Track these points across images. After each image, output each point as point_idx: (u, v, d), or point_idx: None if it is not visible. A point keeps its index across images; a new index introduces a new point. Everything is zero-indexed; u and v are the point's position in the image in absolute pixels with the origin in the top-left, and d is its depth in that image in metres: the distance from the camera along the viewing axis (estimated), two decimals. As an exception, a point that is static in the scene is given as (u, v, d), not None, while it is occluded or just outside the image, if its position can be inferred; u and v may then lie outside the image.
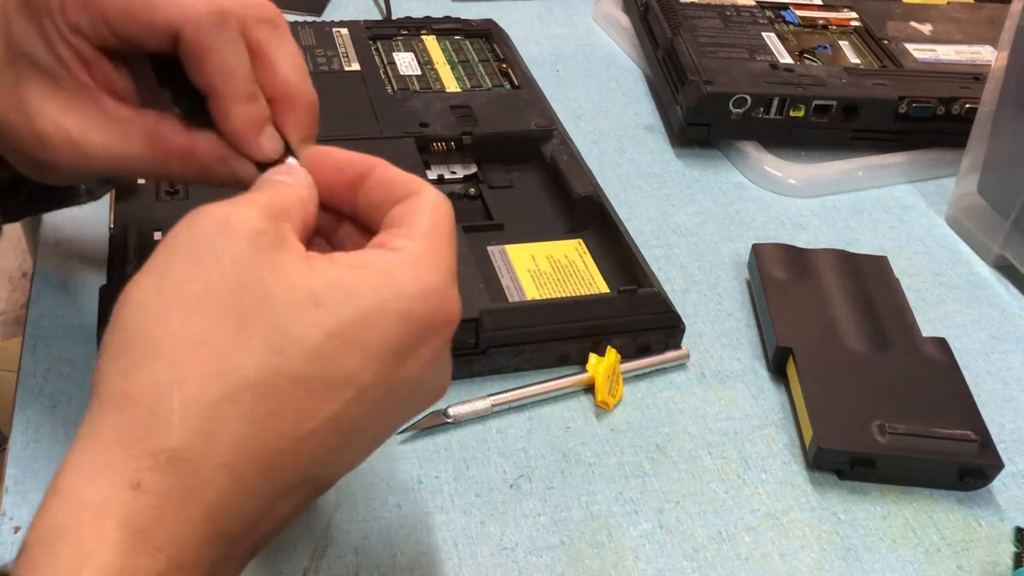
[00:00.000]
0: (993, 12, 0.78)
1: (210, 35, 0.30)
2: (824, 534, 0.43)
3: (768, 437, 0.48)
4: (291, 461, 0.25)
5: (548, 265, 0.52)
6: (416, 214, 0.30)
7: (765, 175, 0.65)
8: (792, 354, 0.49)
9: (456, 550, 0.41)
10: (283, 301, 0.25)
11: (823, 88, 0.65)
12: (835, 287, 0.53)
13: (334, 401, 0.26)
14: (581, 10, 0.84)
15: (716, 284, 0.57)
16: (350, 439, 0.27)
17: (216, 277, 0.25)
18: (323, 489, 0.29)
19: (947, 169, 0.67)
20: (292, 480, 0.26)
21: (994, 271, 0.60)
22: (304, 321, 0.25)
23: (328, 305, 0.26)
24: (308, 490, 0.27)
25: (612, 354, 0.48)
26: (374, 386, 0.27)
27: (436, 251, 0.29)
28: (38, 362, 0.47)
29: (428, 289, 0.28)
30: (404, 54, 0.67)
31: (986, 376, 0.52)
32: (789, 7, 0.75)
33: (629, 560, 0.41)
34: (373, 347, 0.26)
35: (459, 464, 0.45)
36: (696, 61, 0.65)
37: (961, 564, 0.43)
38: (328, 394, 0.26)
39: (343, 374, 0.26)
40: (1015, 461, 0.48)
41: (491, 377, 0.48)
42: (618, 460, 0.46)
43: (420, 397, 0.30)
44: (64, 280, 0.51)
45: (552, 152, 0.59)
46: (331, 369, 0.26)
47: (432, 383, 0.30)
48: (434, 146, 0.59)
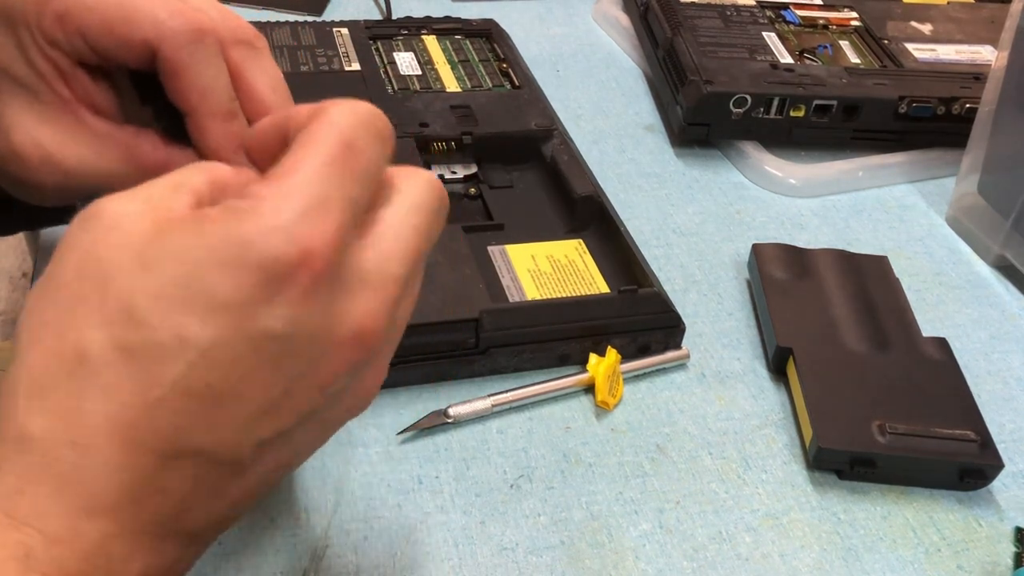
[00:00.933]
0: (993, 12, 0.78)
1: (187, 52, 0.30)
2: (824, 534, 0.43)
3: (768, 437, 0.48)
4: (147, 431, 0.25)
5: (548, 265, 0.52)
6: (294, 146, 0.26)
7: (765, 175, 0.65)
8: (792, 354, 0.49)
9: (456, 550, 0.41)
10: (115, 271, 0.25)
11: (823, 88, 0.65)
12: (835, 287, 0.53)
13: (174, 365, 0.24)
14: (581, 10, 0.84)
15: (716, 284, 0.57)
16: (220, 402, 0.25)
17: (69, 265, 0.26)
18: (232, 462, 0.26)
19: (947, 169, 0.67)
20: (163, 449, 0.25)
21: (994, 271, 0.60)
22: (131, 287, 0.25)
23: (154, 267, 0.25)
24: (203, 462, 0.26)
25: (612, 354, 0.48)
26: (221, 344, 0.24)
27: (290, 184, 0.25)
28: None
29: (263, 229, 0.24)
30: (404, 54, 0.67)
31: (986, 376, 0.52)
32: (789, 7, 0.75)
33: (629, 560, 0.41)
34: (203, 302, 0.24)
35: (459, 464, 0.45)
36: (696, 61, 0.65)
37: (961, 564, 0.43)
38: (166, 359, 0.24)
39: (176, 335, 0.24)
40: (1015, 461, 0.48)
41: (491, 377, 0.48)
42: (618, 460, 0.46)
43: (311, 350, 0.26)
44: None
45: (552, 152, 0.59)
46: (160, 332, 0.24)
47: (324, 333, 0.26)
48: (434, 146, 0.59)
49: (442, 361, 0.47)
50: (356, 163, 0.26)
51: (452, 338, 0.47)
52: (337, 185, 0.25)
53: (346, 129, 0.26)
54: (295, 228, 0.24)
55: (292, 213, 0.25)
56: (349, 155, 0.26)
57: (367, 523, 0.42)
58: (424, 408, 0.46)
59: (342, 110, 0.27)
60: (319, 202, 0.25)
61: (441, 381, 0.48)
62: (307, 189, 0.25)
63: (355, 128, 0.27)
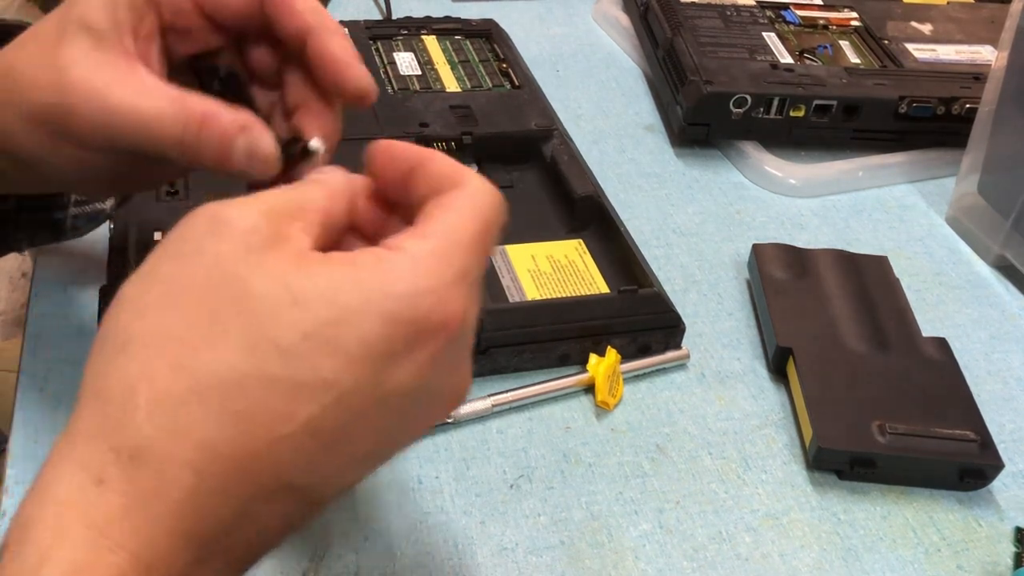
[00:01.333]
0: (993, 12, 0.78)
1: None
2: (824, 534, 0.43)
3: (768, 437, 0.48)
4: (265, 464, 0.25)
5: (548, 265, 0.52)
6: (441, 210, 0.28)
7: (765, 175, 0.65)
8: (792, 354, 0.49)
9: (456, 550, 0.41)
10: (262, 299, 0.25)
11: (823, 88, 0.65)
12: (835, 287, 0.53)
13: (310, 405, 0.25)
14: (581, 10, 0.84)
15: (716, 284, 0.57)
16: (335, 447, 0.26)
17: (198, 274, 0.25)
18: (316, 502, 0.27)
19: (947, 169, 0.67)
20: (270, 485, 0.25)
21: (994, 271, 0.60)
22: (281, 320, 0.25)
23: (307, 304, 0.25)
24: (295, 499, 0.26)
25: (612, 354, 0.48)
26: (357, 391, 0.25)
27: (443, 250, 0.27)
28: (38, 362, 0.47)
29: (419, 290, 0.26)
30: (404, 54, 0.67)
31: (986, 376, 0.52)
32: (789, 7, 0.75)
33: (629, 560, 0.41)
34: (353, 350, 0.25)
35: (459, 464, 0.45)
36: (696, 61, 0.65)
37: (961, 564, 0.43)
38: (303, 397, 0.25)
39: (319, 377, 0.25)
40: (1015, 461, 0.48)
41: (491, 377, 0.48)
42: (618, 460, 0.46)
43: (426, 406, 0.28)
44: (64, 280, 0.51)
45: (552, 152, 0.59)
46: (306, 371, 0.25)
47: (439, 391, 0.28)
48: (434, 146, 0.59)
49: (442, 361, 0.47)
50: (489, 243, 0.29)
51: (452, 338, 0.47)
52: (475, 262, 0.28)
53: (487, 211, 0.29)
54: (446, 293, 0.26)
55: (444, 279, 0.26)
56: (486, 236, 0.28)
57: (367, 523, 0.42)
58: (424, 408, 0.46)
59: (484, 190, 0.29)
60: (463, 273, 0.27)
61: (441, 381, 0.48)
62: (457, 260, 0.27)
63: (494, 211, 0.29)
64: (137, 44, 0.34)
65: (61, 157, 0.35)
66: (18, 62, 0.35)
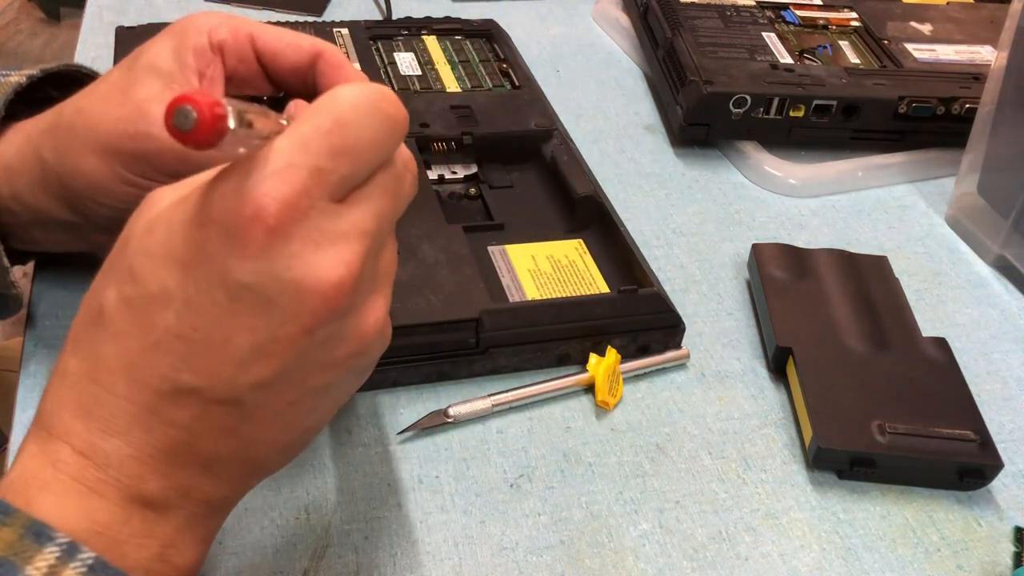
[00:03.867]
0: (993, 12, 0.78)
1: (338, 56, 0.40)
2: (824, 534, 0.43)
3: (768, 437, 0.48)
4: (149, 369, 0.29)
5: (548, 265, 0.52)
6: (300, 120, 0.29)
7: (765, 175, 0.65)
8: (792, 354, 0.49)
9: (456, 550, 0.41)
10: (132, 240, 0.29)
11: (823, 88, 0.65)
12: (835, 287, 0.53)
13: (165, 313, 0.28)
14: (581, 10, 0.84)
15: (716, 284, 0.57)
16: (209, 345, 0.28)
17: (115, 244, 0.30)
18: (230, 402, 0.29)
19: (947, 169, 0.67)
20: (163, 387, 0.29)
21: (994, 271, 0.60)
22: (136, 251, 0.29)
23: (153, 230, 0.29)
24: (202, 401, 0.29)
25: (612, 354, 0.49)
26: (201, 292, 0.28)
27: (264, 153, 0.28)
28: (38, 362, 0.47)
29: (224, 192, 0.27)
30: (404, 54, 0.67)
31: (986, 376, 0.52)
32: (789, 7, 0.75)
33: (629, 560, 0.42)
34: (180, 257, 0.28)
35: (459, 464, 0.45)
36: (696, 61, 0.65)
37: (961, 564, 0.43)
38: (156, 307, 0.28)
39: (163, 287, 0.28)
40: (1015, 461, 0.48)
41: (491, 377, 0.48)
42: (618, 460, 0.46)
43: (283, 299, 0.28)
44: (64, 280, 0.51)
45: (552, 152, 0.59)
46: (150, 285, 0.28)
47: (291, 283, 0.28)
48: (435, 146, 0.59)
49: (442, 361, 0.47)
50: (340, 138, 0.28)
51: (452, 338, 0.47)
52: (312, 154, 0.28)
53: (343, 105, 0.29)
54: (251, 190, 0.27)
55: (255, 178, 0.27)
56: (334, 129, 0.28)
57: (367, 523, 0.42)
58: (424, 408, 0.47)
59: (348, 87, 0.30)
60: (283, 168, 0.27)
61: (441, 381, 0.48)
62: (276, 157, 0.27)
63: (353, 106, 0.29)
64: (202, 85, 0.39)
65: (124, 188, 0.40)
66: (89, 103, 0.40)
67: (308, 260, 0.28)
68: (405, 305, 0.46)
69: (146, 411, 0.29)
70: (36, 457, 0.29)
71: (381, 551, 0.41)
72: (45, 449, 0.29)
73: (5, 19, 2.32)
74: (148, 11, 0.77)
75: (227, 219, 0.27)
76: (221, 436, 0.30)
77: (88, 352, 0.30)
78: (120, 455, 0.29)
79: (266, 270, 0.28)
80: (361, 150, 0.29)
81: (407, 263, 0.49)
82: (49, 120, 0.41)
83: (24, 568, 0.27)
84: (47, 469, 0.29)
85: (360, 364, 0.32)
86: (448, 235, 0.51)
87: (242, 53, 0.40)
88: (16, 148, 0.42)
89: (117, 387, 0.29)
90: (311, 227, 0.28)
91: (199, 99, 0.24)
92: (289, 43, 0.39)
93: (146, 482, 0.29)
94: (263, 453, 0.32)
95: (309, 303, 0.28)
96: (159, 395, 0.29)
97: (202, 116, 0.24)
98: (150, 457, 0.29)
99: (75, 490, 0.29)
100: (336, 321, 0.29)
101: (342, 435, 0.45)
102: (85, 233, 0.43)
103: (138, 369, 0.29)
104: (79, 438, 0.29)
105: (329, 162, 0.28)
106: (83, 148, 0.39)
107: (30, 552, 0.27)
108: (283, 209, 0.27)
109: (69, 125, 0.40)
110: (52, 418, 0.30)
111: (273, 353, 0.29)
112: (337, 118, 0.28)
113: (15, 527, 0.27)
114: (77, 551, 0.27)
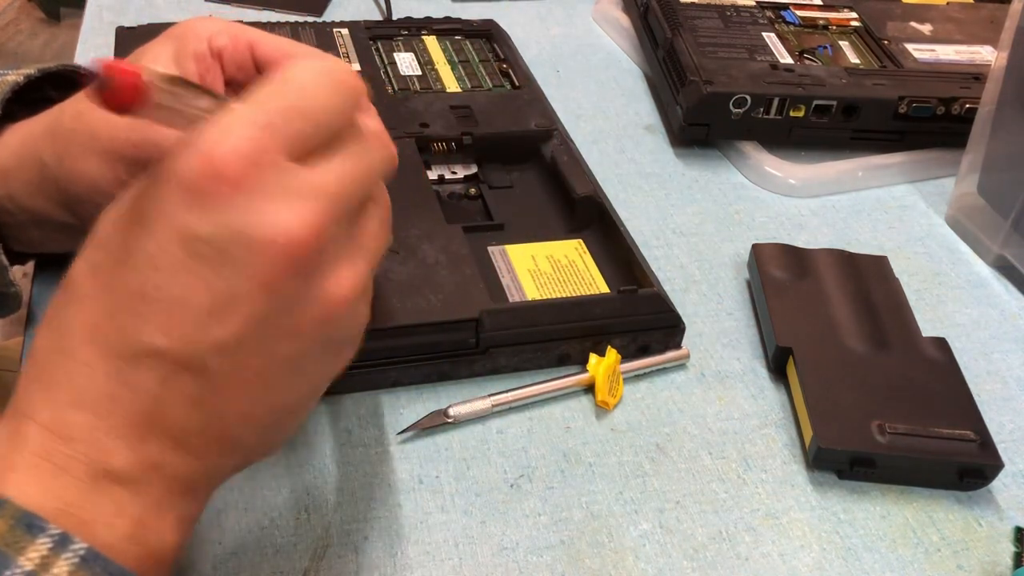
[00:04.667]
0: (993, 12, 0.78)
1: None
2: (824, 534, 0.43)
3: (768, 437, 0.48)
4: (112, 331, 0.29)
5: (548, 265, 0.52)
6: (254, 86, 0.29)
7: (765, 175, 0.65)
8: (792, 354, 0.49)
9: (456, 550, 0.41)
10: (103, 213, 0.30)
11: (823, 88, 0.65)
12: (835, 287, 0.53)
13: (126, 272, 0.29)
14: (581, 10, 0.84)
15: (716, 284, 0.57)
16: (171, 304, 0.28)
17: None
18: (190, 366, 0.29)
19: (947, 169, 0.67)
20: (124, 351, 0.29)
21: (994, 271, 0.60)
22: (102, 220, 0.30)
23: (120, 199, 0.30)
24: (170, 364, 0.29)
25: (612, 354, 0.49)
26: (162, 250, 0.28)
27: (224, 115, 0.28)
28: (38, 362, 0.47)
29: (183, 149, 0.28)
30: (404, 54, 0.67)
31: (986, 376, 0.52)
32: (789, 7, 0.75)
33: (629, 560, 0.41)
34: (141, 215, 0.29)
35: (459, 464, 0.45)
36: (696, 61, 0.65)
37: (961, 564, 0.43)
38: (118, 270, 0.29)
39: (123, 247, 0.29)
40: (1015, 461, 0.48)
41: (491, 377, 0.48)
42: (618, 460, 0.46)
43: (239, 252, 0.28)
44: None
45: (552, 152, 0.59)
46: (112, 247, 0.29)
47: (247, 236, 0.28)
48: (434, 146, 0.59)
49: (442, 361, 0.47)
50: (295, 98, 0.29)
51: (452, 338, 0.47)
52: (266, 112, 0.28)
53: (295, 71, 0.30)
54: (207, 145, 0.27)
55: (211, 135, 0.28)
56: (288, 91, 0.29)
57: (367, 523, 0.42)
58: (424, 408, 0.47)
59: (304, 61, 0.31)
60: (240, 126, 0.28)
61: (441, 381, 0.48)
62: (231, 116, 0.28)
63: (305, 70, 0.30)
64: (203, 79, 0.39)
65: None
66: (89, 107, 0.38)
67: (265, 212, 0.28)
68: (405, 305, 0.46)
69: (111, 378, 0.29)
70: (4, 441, 0.29)
71: (381, 551, 0.41)
72: (11, 428, 0.29)
73: (5, 19, 2.33)
74: (148, 11, 0.77)
75: (183, 174, 0.28)
76: (188, 407, 0.30)
77: (55, 325, 0.30)
78: (87, 427, 0.29)
79: (222, 222, 0.28)
80: (316, 110, 0.29)
81: (407, 263, 0.49)
82: (48, 123, 0.41)
83: (17, 559, 0.26)
84: (14, 450, 0.29)
85: (331, 336, 0.32)
86: (448, 235, 0.51)
87: (241, 60, 0.40)
88: (13, 150, 0.42)
89: (82, 355, 0.29)
90: (268, 181, 0.28)
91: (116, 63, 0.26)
92: (287, 52, 0.40)
93: (113, 456, 0.29)
94: (233, 428, 0.31)
95: (265, 256, 0.28)
96: (122, 359, 0.29)
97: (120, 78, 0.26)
98: (116, 429, 0.29)
99: (43, 468, 0.29)
100: (296, 279, 0.29)
101: (342, 435, 0.45)
102: (83, 235, 0.43)
103: (102, 333, 0.29)
104: (46, 413, 0.29)
105: (283, 119, 0.29)
106: (84, 152, 0.39)
107: (22, 543, 0.27)
108: (238, 161, 0.27)
109: (70, 129, 0.40)
110: (21, 399, 0.30)
111: (232, 310, 0.28)
112: (289, 80, 0.29)
113: (6, 518, 0.27)
114: (70, 542, 0.27)
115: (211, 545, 0.40)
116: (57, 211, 0.42)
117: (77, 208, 0.41)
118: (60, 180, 0.40)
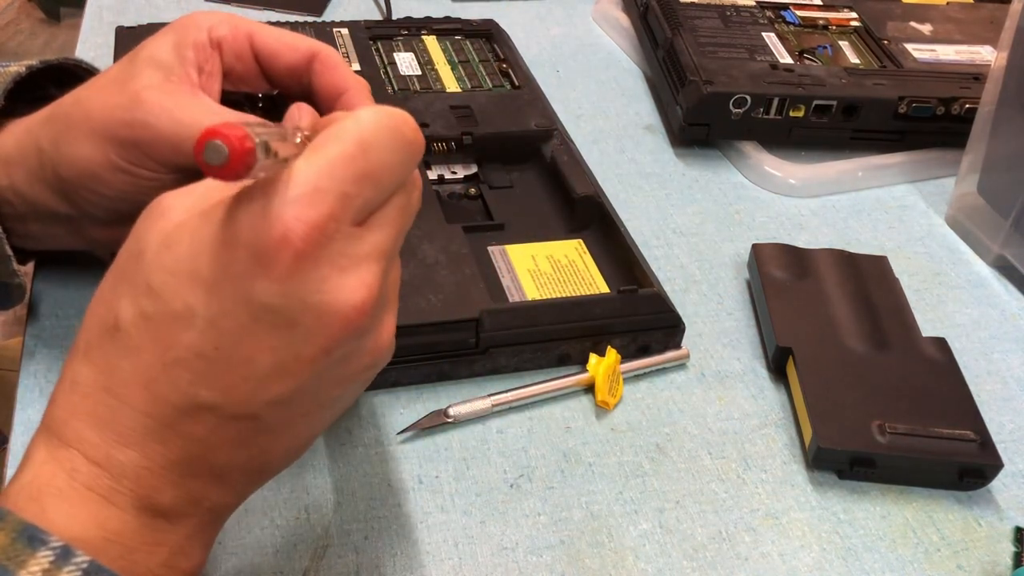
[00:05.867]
0: (993, 12, 0.78)
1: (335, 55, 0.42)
2: (824, 534, 0.43)
3: (768, 437, 0.48)
4: (167, 384, 0.29)
5: (548, 265, 0.52)
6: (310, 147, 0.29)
7: (765, 175, 0.65)
8: (792, 354, 0.49)
9: (456, 550, 0.41)
10: (147, 251, 0.29)
11: (823, 88, 0.65)
12: (835, 287, 0.53)
13: (186, 331, 0.28)
14: (581, 10, 0.84)
15: (716, 284, 0.57)
16: (229, 364, 0.29)
17: (124, 247, 0.31)
18: (245, 416, 0.30)
19: (947, 169, 0.67)
20: (181, 403, 0.29)
21: (994, 271, 0.60)
22: (154, 266, 0.29)
23: (173, 246, 0.29)
24: (219, 417, 0.29)
25: (612, 354, 0.49)
26: (225, 313, 0.28)
27: (290, 176, 0.28)
28: (38, 362, 0.47)
29: (253, 214, 0.28)
30: (404, 54, 0.67)
31: (986, 376, 0.52)
32: (789, 7, 0.75)
33: (629, 560, 0.42)
34: (206, 277, 0.28)
35: (459, 464, 0.45)
36: (696, 61, 0.65)
37: (961, 564, 0.43)
38: (178, 326, 0.28)
39: (185, 306, 0.28)
40: (1015, 461, 0.48)
41: (491, 377, 0.48)
42: (618, 460, 0.46)
43: (306, 321, 0.29)
44: (65, 279, 0.51)
45: (552, 152, 0.59)
46: (173, 303, 0.28)
47: (317, 306, 0.28)
48: (434, 146, 0.59)
49: (442, 361, 0.47)
50: (365, 163, 0.29)
51: (452, 338, 0.47)
52: (339, 180, 0.28)
53: (366, 131, 0.29)
54: (279, 213, 0.27)
55: (282, 201, 0.27)
56: (359, 155, 0.29)
57: (367, 523, 0.42)
58: (424, 408, 0.47)
59: (370, 112, 0.30)
60: (311, 192, 0.28)
61: (441, 381, 0.48)
62: (304, 181, 0.28)
63: (376, 131, 0.29)
64: (201, 79, 0.40)
65: (118, 177, 0.40)
66: (89, 93, 0.40)
67: (333, 284, 0.29)
68: (405, 305, 0.46)
69: (162, 425, 0.29)
70: (48, 464, 0.30)
71: (381, 551, 0.41)
72: (57, 456, 0.30)
73: (5, 19, 2.33)
74: (148, 11, 0.77)
75: (255, 241, 0.27)
76: (235, 448, 0.31)
77: (103, 364, 0.30)
78: (135, 467, 0.29)
79: (292, 292, 0.28)
80: (384, 175, 0.30)
81: (407, 263, 0.49)
82: (48, 111, 0.42)
83: (18, 572, 0.27)
84: (61, 476, 0.29)
85: (371, 376, 0.33)
86: (448, 235, 0.51)
87: (240, 51, 0.41)
88: (15, 140, 0.42)
89: (133, 400, 0.29)
90: (335, 251, 0.28)
91: (228, 132, 0.24)
92: (286, 43, 0.41)
93: (159, 493, 0.30)
94: (272, 461, 0.32)
95: (332, 325, 0.29)
96: (176, 410, 0.29)
97: (233, 150, 0.24)
98: (164, 469, 0.30)
99: (89, 498, 0.29)
100: (354, 339, 0.30)
101: (342, 435, 0.45)
102: (82, 227, 0.43)
103: (156, 384, 0.29)
104: (93, 448, 0.29)
105: (354, 187, 0.29)
106: (78, 134, 0.39)
107: (23, 556, 0.27)
108: (311, 233, 0.28)
109: (66, 114, 0.40)
110: (64, 426, 0.30)
111: (293, 372, 0.29)
112: (361, 143, 0.29)
113: (7, 531, 0.27)
114: (71, 555, 0.27)
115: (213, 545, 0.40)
116: (54, 200, 0.42)
117: (73, 195, 0.41)
118: (57, 165, 0.40)
